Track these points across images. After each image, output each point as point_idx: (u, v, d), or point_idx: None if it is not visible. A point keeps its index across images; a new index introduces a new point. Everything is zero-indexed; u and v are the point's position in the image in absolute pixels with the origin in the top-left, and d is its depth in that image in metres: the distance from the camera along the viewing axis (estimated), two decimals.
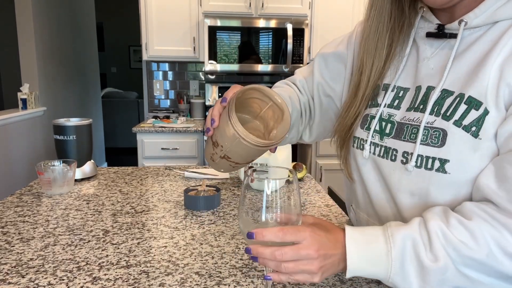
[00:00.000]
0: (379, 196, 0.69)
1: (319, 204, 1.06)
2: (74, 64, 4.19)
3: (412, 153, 0.61)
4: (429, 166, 0.59)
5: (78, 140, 1.23)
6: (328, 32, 2.91)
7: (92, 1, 4.76)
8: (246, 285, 0.65)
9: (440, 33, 0.63)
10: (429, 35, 0.65)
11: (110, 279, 0.66)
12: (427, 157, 0.59)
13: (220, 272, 0.69)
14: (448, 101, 0.59)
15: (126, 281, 0.65)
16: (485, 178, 0.54)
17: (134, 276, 0.67)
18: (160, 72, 3.30)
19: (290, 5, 2.83)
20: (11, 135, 2.89)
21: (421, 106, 0.62)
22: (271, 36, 2.80)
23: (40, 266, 0.70)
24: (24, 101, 3.16)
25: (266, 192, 0.53)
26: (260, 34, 2.79)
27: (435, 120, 0.59)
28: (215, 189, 1.06)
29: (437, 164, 0.58)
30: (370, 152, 0.69)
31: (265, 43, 2.81)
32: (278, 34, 2.79)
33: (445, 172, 0.57)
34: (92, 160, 1.28)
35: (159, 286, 0.64)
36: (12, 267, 0.69)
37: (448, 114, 0.58)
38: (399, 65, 0.69)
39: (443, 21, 0.64)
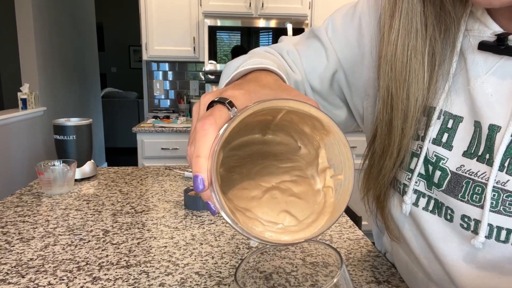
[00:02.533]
0: (422, 257, 0.54)
1: None
2: (74, 64, 4.20)
3: (476, 220, 0.45)
4: (502, 238, 0.44)
5: (78, 140, 1.23)
6: None
7: (92, 1, 4.76)
8: None
9: (500, 48, 0.43)
10: (483, 47, 0.45)
11: (110, 279, 0.66)
12: (500, 228, 0.44)
13: (220, 272, 0.68)
14: None
15: (126, 281, 0.65)
16: None
17: (134, 276, 0.67)
18: (160, 72, 3.30)
19: (290, 5, 2.83)
20: (11, 135, 2.89)
21: (487, 156, 0.44)
22: (271, 36, 2.80)
23: (40, 266, 0.70)
24: (24, 101, 3.16)
25: None
26: (260, 34, 2.79)
27: (508, 180, 0.43)
28: None
29: None
30: (411, 203, 0.51)
31: (265, 43, 2.81)
32: (278, 34, 2.78)
33: None
34: (92, 160, 1.28)
35: (159, 286, 0.64)
36: (12, 267, 0.69)
37: None
38: (444, 83, 0.48)
39: (504, 25, 0.44)
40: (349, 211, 1.11)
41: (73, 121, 1.24)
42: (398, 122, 0.49)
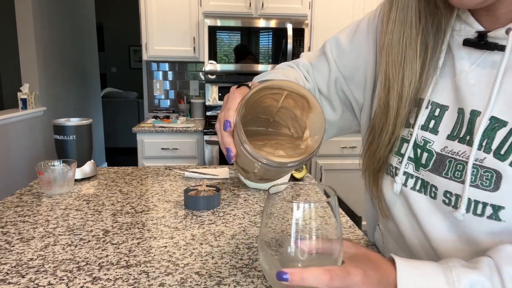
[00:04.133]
0: (411, 235, 0.59)
1: None
2: (74, 64, 4.19)
3: (457, 195, 0.51)
4: (478, 211, 0.49)
5: (78, 140, 1.23)
6: (328, 32, 2.91)
7: (92, 1, 4.76)
8: (246, 285, 0.65)
9: (481, 43, 0.50)
10: (467, 43, 0.52)
11: (110, 279, 0.66)
12: (476, 202, 0.49)
13: (220, 272, 0.69)
14: (501, 134, 0.48)
15: (126, 281, 0.65)
16: None
17: (134, 276, 0.67)
18: (160, 72, 3.30)
19: (290, 5, 2.83)
20: (11, 135, 2.89)
21: (468, 137, 0.51)
22: (271, 36, 2.80)
23: (40, 266, 0.70)
24: (24, 101, 3.16)
25: (295, 215, 0.42)
26: (260, 34, 2.79)
27: (485, 157, 0.49)
28: (215, 189, 1.06)
29: (489, 210, 0.48)
30: (401, 183, 0.58)
31: (265, 43, 2.80)
32: (278, 34, 2.78)
33: (499, 220, 0.48)
34: (92, 160, 1.28)
35: (159, 286, 0.64)
36: (12, 267, 0.69)
37: (502, 152, 0.48)
38: (433, 75, 0.55)
39: (486, 25, 0.51)
40: (349, 211, 1.11)
41: (73, 121, 1.24)
42: (393, 103, 0.56)
